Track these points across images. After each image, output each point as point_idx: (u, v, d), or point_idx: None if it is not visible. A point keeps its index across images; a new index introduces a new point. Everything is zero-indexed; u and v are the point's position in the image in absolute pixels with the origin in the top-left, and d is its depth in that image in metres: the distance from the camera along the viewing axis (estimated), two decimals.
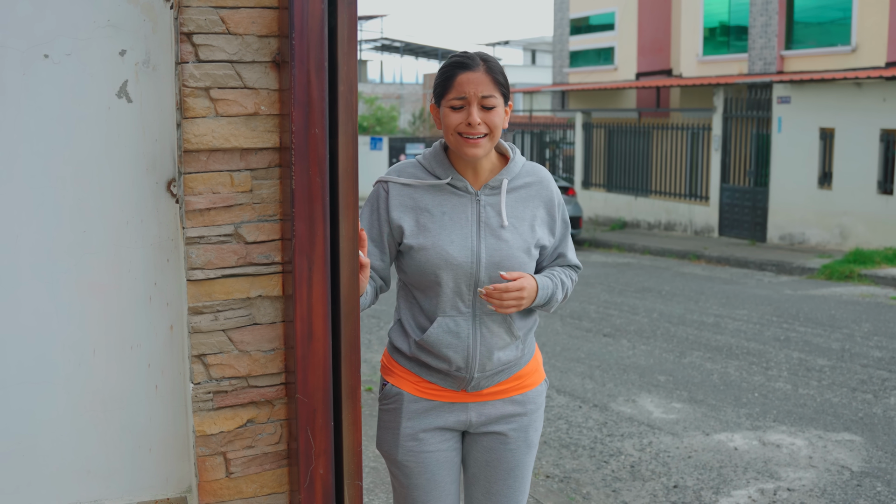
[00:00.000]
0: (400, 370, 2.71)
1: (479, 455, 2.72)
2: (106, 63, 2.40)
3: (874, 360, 8.41)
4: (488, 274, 2.56)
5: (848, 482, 5.37)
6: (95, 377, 2.50)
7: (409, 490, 2.71)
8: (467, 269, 2.55)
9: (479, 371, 2.61)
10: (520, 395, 2.71)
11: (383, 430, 2.74)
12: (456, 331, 2.59)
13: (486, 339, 2.61)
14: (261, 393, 2.42)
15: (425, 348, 2.62)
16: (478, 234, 2.56)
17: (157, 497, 2.62)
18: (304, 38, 2.22)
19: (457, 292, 2.58)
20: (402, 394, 2.67)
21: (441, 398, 2.67)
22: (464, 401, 2.66)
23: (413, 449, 2.67)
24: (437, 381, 2.65)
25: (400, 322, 2.71)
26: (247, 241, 2.35)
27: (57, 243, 2.42)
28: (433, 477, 2.69)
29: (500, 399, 2.69)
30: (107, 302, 2.48)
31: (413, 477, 2.68)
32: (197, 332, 2.33)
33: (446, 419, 2.67)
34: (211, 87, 2.27)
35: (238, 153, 2.32)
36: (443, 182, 2.59)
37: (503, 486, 2.73)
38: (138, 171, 2.46)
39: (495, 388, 2.67)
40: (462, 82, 2.49)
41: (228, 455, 2.41)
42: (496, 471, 2.71)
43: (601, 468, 5.68)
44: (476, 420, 2.68)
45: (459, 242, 2.55)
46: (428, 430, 2.67)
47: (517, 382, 2.71)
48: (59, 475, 2.53)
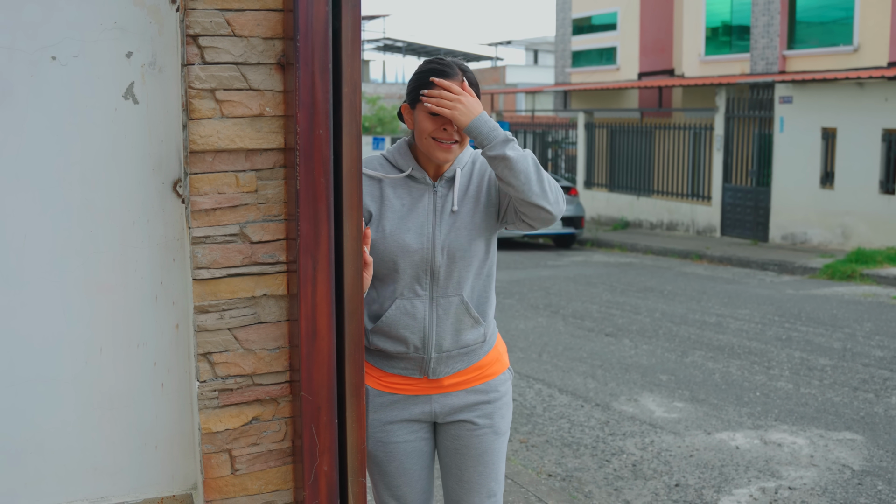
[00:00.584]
0: (366, 364, 2.76)
1: (448, 443, 2.81)
2: (112, 65, 2.43)
3: (876, 359, 8.43)
4: (444, 259, 2.67)
5: (849, 481, 5.39)
6: (102, 375, 2.53)
7: (381, 477, 2.82)
8: (424, 255, 2.67)
9: (437, 351, 2.70)
10: (482, 385, 2.79)
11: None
12: (412, 312, 2.68)
13: (442, 320, 2.70)
14: (266, 391, 2.45)
15: (383, 333, 2.70)
16: (434, 221, 2.68)
17: (163, 494, 2.64)
18: (308, 40, 2.24)
19: (415, 277, 2.68)
20: (366, 388, 2.73)
21: (404, 391, 2.76)
22: (426, 393, 2.76)
23: (381, 440, 2.77)
24: (398, 371, 2.74)
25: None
26: (252, 241, 2.38)
27: (64, 243, 2.45)
28: (402, 465, 2.79)
29: (463, 390, 2.78)
30: (113, 301, 2.51)
31: (382, 465, 2.79)
32: (203, 331, 2.36)
33: (411, 411, 2.77)
34: (216, 89, 2.30)
35: (243, 154, 2.35)
36: (403, 175, 2.71)
37: (474, 473, 2.80)
38: (144, 171, 2.49)
39: (455, 377, 2.76)
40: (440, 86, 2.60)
41: (234, 452, 2.44)
42: (465, 458, 2.79)
43: (603, 467, 5.70)
44: (440, 411, 2.78)
45: (416, 230, 2.67)
46: (394, 423, 2.77)
47: (478, 373, 2.80)
48: (67, 472, 2.56)
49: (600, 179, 23.26)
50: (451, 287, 2.70)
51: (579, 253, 18.20)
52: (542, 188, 2.57)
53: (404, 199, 2.70)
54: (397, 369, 2.75)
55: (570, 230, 18.51)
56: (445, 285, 2.69)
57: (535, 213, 2.60)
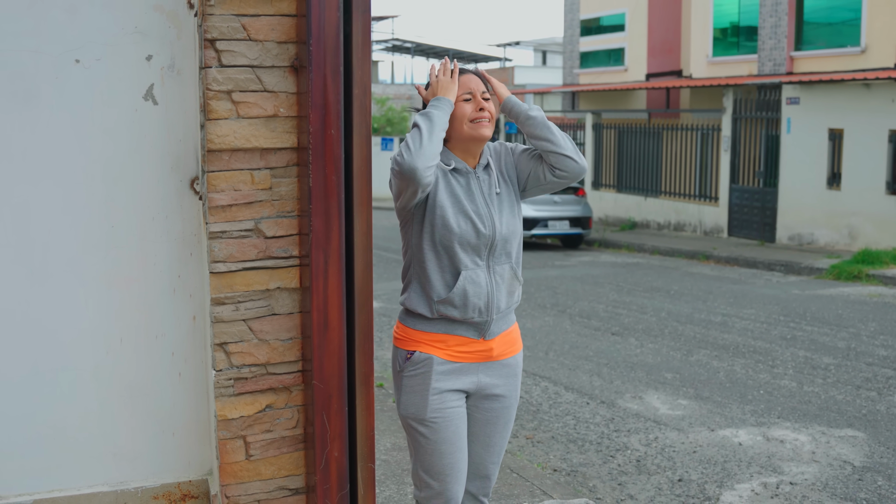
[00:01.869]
0: (425, 337, 2.96)
1: (481, 415, 3.09)
2: (133, 68, 2.54)
3: (879, 358, 8.49)
4: (501, 235, 3.02)
5: (850, 476, 5.47)
6: (122, 365, 2.64)
7: (437, 444, 2.97)
8: (486, 234, 2.98)
9: (497, 312, 3.01)
10: (511, 359, 3.14)
11: (411, 394, 2.97)
12: (477, 281, 2.95)
13: (499, 285, 3.02)
14: (279, 380, 2.55)
15: (452, 303, 2.93)
16: (486, 203, 3.01)
17: (180, 479, 2.75)
18: (320, 44, 2.35)
19: (476, 251, 2.96)
20: (431, 358, 2.94)
21: (464, 359, 3.00)
22: (477, 360, 3.03)
23: (440, 408, 2.96)
24: (462, 334, 2.98)
25: (420, 287, 2.96)
26: (266, 236, 2.49)
27: (87, 238, 2.56)
28: (457, 430, 2.99)
29: (502, 360, 3.09)
30: (133, 293, 2.62)
31: (441, 432, 2.96)
32: (219, 322, 2.47)
33: (464, 381, 3.01)
34: (233, 91, 2.41)
35: (258, 153, 2.46)
36: (450, 168, 2.98)
37: (499, 438, 3.14)
38: (163, 169, 2.60)
39: (500, 346, 3.07)
40: (465, 81, 2.95)
41: (248, 438, 2.55)
42: (495, 426, 3.11)
43: (607, 462, 5.79)
44: (484, 382, 3.06)
45: (476, 213, 2.97)
46: (449, 391, 2.99)
47: (510, 345, 3.13)
48: (88, 457, 2.67)
49: (608, 180, 23.33)
50: (504, 256, 3.05)
51: (587, 253, 18.28)
52: (568, 143, 3.06)
53: (462, 186, 2.98)
54: (459, 331, 2.99)
55: (577, 231, 18.58)
56: (500, 255, 3.03)
57: (568, 164, 3.05)
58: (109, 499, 2.70)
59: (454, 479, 3.00)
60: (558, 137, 3.05)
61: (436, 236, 2.93)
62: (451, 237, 2.92)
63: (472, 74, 3.00)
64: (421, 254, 2.96)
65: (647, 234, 20.73)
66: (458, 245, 2.94)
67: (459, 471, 3.02)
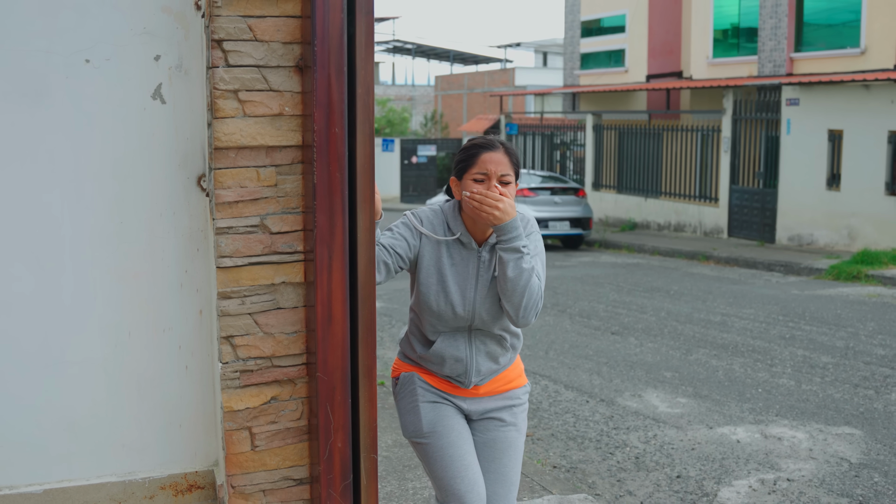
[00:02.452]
0: (410, 367, 3.14)
1: (479, 437, 3.10)
2: (142, 67, 2.60)
3: (877, 357, 8.56)
4: (480, 316, 3.00)
5: (846, 473, 5.53)
6: (131, 358, 2.71)
7: (443, 450, 2.99)
8: (464, 313, 2.99)
9: (476, 376, 3.05)
10: (508, 392, 3.15)
11: (405, 414, 3.09)
12: (455, 345, 3.02)
13: (479, 351, 3.06)
14: (284, 372, 2.62)
15: (430, 360, 3.06)
16: (475, 285, 2.99)
17: (187, 470, 2.81)
18: (325, 44, 2.41)
19: (455, 321, 3.01)
20: (414, 375, 3.09)
21: (445, 390, 3.09)
22: (464, 396, 3.10)
23: (434, 418, 3.03)
24: (444, 377, 3.10)
25: (408, 336, 3.16)
26: (272, 232, 2.55)
27: (96, 233, 2.62)
28: (459, 435, 3.02)
29: (491, 396, 3.12)
30: (141, 288, 2.68)
31: (442, 437, 3.00)
32: (225, 316, 2.53)
33: (451, 401, 3.09)
34: (239, 90, 2.47)
35: (264, 150, 2.52)
36: (454, 237, 3.00)
37: (499, 465, 3.07)
38: (171, 167, 2.66)
39: (487, 386, 3.11)
40: (485, 160, 2.92)
41: (254, 430, 2.61)
42: (493, 450, 3.08)
43: (607, 459, 5.85)
44: (474, 410, 3.11)
45: (460, 292, 2.98)
46: (444, 403, 3.06)
47: (504, 384, 3.15)
48: (97, 448, 2.73)
49: (608, 181, 23.40)
50: (487, 330, 3.05)
51: (587, 254, 18.35)
52: (518, 303, 2.88)
53: (455, 259, 3.00)
54: (442, 377, 3.09)
55: (578, 231, 18.66)
56: (482, 326, 3.03)
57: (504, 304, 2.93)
58: (118, 489, 2.76)
59: (472, 486, 2.96)
60: (508, 288, 2.86)
61: (419, 304, 3.01)
62: (429, 312, 2.99)
63: (501, 154, 2.93)
64: (413, 306, 3.11)
65: (647, 234, 20.79)
66: (435, 319, 3.00)
67: (475, 476, 2.99)
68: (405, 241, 2.94)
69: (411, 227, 2.98)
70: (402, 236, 2.94)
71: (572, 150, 25.80)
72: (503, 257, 2.86)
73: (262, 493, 2.66)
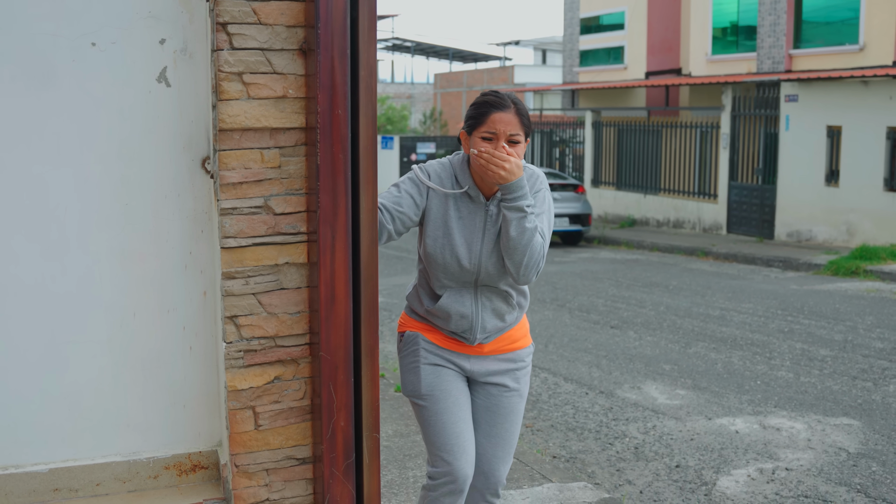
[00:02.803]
0: (416, 324, 3.14)
1: (482, 401, 3.14)
2: (147, 51, 2.63)
3: (875, 350, 8.59)
4: (487, 269, 3.01)
5: (844, 462, 5.56)
6: (135, 338, 2.74)
7: (439, 415, 3.05)
8: (470, 265, 3.00)
9: (482, 332, 3.06)
10: (512, 353, 3.15)
11: (406, 372, 3.12)
12: (461, 300, 3.03)
13: (485, 307, 3.05)
14: (287, 352, 2.65)
15: (437, 315, 3.06)
16: (482, 238, 3.00)
17: (190, 450, 2.85)
18: (328, 27, 2.44)
19: (461, 275, 3.01)
20: (418, 335, 3.10)
21: (450, 347, 3.10)
22: (468, 353, 3.10)
23: (435, 381, 3.06)
24: (449, 334, 3.10)
25: (416, 290, 3.16)
26: (275, 213, 2.58)
27: (101, 215, 2.65)
28: (456, 400, 3.07)
29: (495, 356, 3.13)
30: (146, 269, 2.71)
31: (439, 401, 3.05)
32: (230, 296, 2.56)
33: (454, 362, 3.10)
34: (244, 73, 2.50)
35: (268, 132, 2.55)
36: (462, 191, 3.00)
37: (501, 429, 3.14)
38: (176, 149, 2.69)
39: (492, 345, 3.11)
40: (494, 120, 2.89)
41: (257, 409, 2.64)
42: (496, 415, 3.13)
43: (606, 449, 5.88)
44: (478, 371, 3.12)
45: (466, 244, 2.99)
46: (444, 366, 3.09)
47: (509, 343, 3.15)
48: (101, 428, 2.76)
49: (608, 178, 23.43)
50: (492, 285, 3.05)
51: (586, 250, 18.38)
52: (519, 261, 2.92)
53: (462, 212, 3.01)
54: (448, 333, 3.09)
55: (577, 227, 18.70)
56: (487, 284, 3.04)
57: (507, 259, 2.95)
58: (122, 468, 2.79)
59: (462, 451, 3.04)
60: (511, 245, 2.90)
61: (426, 257, 3.02)
62: (435, 265, 3.00)
63: (511, 114, 2.92)
64: (420, 261, 3.13)
65: (646, 231, 20.83)
66: (440, 271, 3.01)
67: (466, 442, 3.06)
68: (412, 199, 2.93)
69: (418, 182, 2.98)
70: (408, 194, 2.93)
71: (571, 147, 25.83)
72: (506, 216, 2.89)
73: (266, 472, 2.69)
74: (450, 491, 3.05)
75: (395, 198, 2.91)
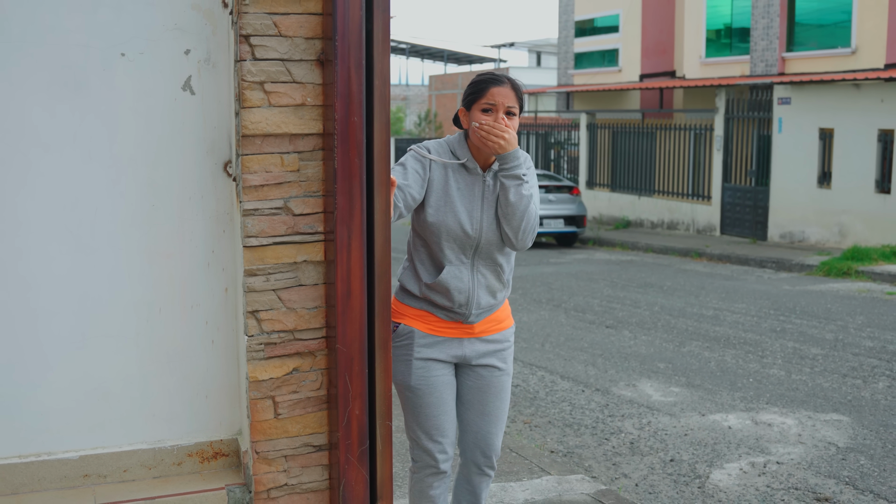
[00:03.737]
0: (410, 311, 3.30)
1: (473, 383, 3.37)
2: (173, 61, 2.79)
3: (866, 349, 8.77)
4: (487, 238, 3.22)
5: (833, 456, 5.73)
6: (161, 333, 2.90)
7: (422, 409, 3.28)
8: (472, 234, 3.21)
9: (476, 308, 3.26)
10: (499, 334, 3.38)
11: (397, 362, 3.29)
12: (459, 276, 3.22)
13: (481, 284, 3.26)
14: (305, 345, 2.81)
15: (436, 290, 3.23)
16: (481, 206, 3.21)
17: (212, 438, 3.00)
18: (345, 40, 2.60)
19: (461, 248, 3.22)
20: (413, 331, 3.27)
21: (445, 334, 3.28)
22: (461, 337, 3.29)
23: (424, 375, 3.26)
24: (442, 317, 3.27)
25: (412, 268, 3.32)
26: (294, 214, 2.74)
27: (130, 215, 2.81)
28: (440, 396, 3.29)
29: (485, 336, 3.34)
30: (171, 267, 2.87)
31: (424, 397, 3.27)
32: (251, 292, 2.72)
33: (447, 353, 3.29)
34: (265, 82, 2.67)
35: (288, 138, 2.71)
36: (460, 163, 3.22)
37: (493, 407, 3.39)
38: (199, 154, 2.85)
39: (482, 325, 3.32)
40: (493, 93, 3.14)
41: (277, 399, 2.80)
42: (487, 395, 3.37)
43: (602, 444, 6.04)
44: (469, 354, 3.32)
45: (467, 213, 3.20)
46: (434, 360, 3.28)
47: (496, 324, 3.38)
48: (129, 417, 2.92)
49: (602, 179, 23.61)
50: (490, 259, 3.26)
51: (581, 251, 18.55)
52: (517, 226, 3.17)
53: (460, 184, 3.20)
54: (442, 314, 3.27)
55: (572, 229, 18.87)
56: (485, 256, 3.25)
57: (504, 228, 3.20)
58: (148, 455, 2.94)
59: (440, 439, 3.30)
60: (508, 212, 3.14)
61: (427, 229, 3.20)
62: (438, 232, 3.18)
63: (508, 88, 3.15)
64: (416, 239, 3.30)
65: (640, 232, 21.01)
66: (444, 240, 3.19)
67: (447, 430, 3.32)
68: (417, 174, 3.13)
69: (419, 157, 3.17)
70: (414, 170, 3.12)
71: (566, 148, 25.99)
72: (505, 183, 3.13)
73: (284, 459, 2.85)
74: (432, 472, 3.34)
75: (403, 175, 3.10)
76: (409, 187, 3.09)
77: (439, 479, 3.36)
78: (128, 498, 2.84)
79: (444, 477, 3.37)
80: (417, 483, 3.38)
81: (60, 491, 2.87)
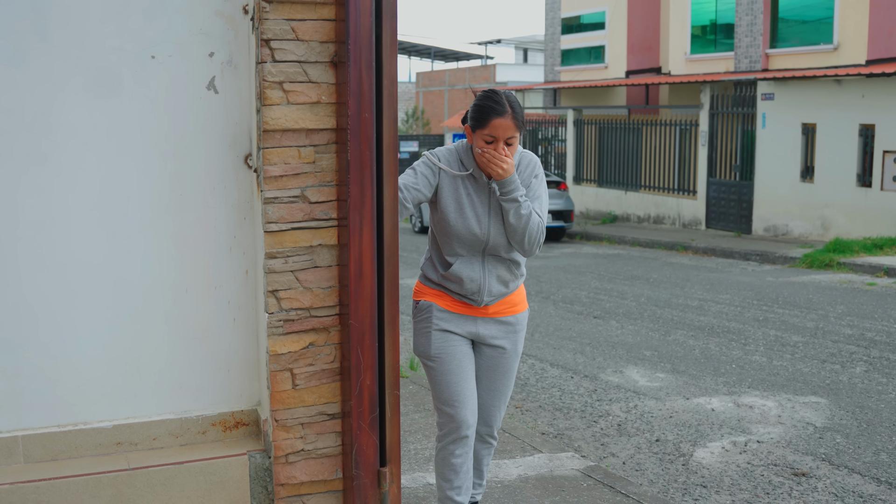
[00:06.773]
0: (429, 291, 3.61)
1: (484, 361, 3.67)
2: (198, 63, 3.06)
3: (845, 336, 9.07)
4: (495, 240, 3.51)
5: (811, 435, 6.02)
6: (187, 311, 3.16)
7: (444, 375, 3.53)
8: (481, 237, 3.51)
9: (488, 296, 3.54)
10: (512, 317, 3.66)
11: (418, 335, 3.59)
12: (471, 266, 3.52)
13: (492, 274, 3.55)
14: (320, 321, 3.08)
15: (450, 279, 3.53)
16: (489, 212, 3.50)
17: (234, 409, 3.27)
18: (357, 43, 2.87)
19: (472, 245, 3.52)
20: (432, 305, 3.58)
21: (460, 311, 3.57)
22: (476, 315, 3.58)
23: (444, 346, 3.54)
24: (459, 298, 3.57)
25: (431, 260, 3.64)
26: (310, 202, 3.01)
27: (159, 204, 3.08)
28: (460, 364, 3.56)
29: (499, 317, 3.63)
30: (196, 251, 3.14)
31: (446, 363, 3.54)
32: (272, 273, 2.99)
33: (462, 327, 3.58)
34: (284, 82, 2.93)
35: (304, 132, 2.98)
36: (468, 173, 3.50)
37: (499, 385, 3.70)
38: (222, 147, 3.12)
39: (496, 307, 3.60)
40: (495, 126, 3.34)
41: (294, 371, 3.07)
42: (496, 373, 3.68)
43: (591, 427, 6.32)
44: (484, 333, 3.61)
45: (476, 220, 3.49)
46: (453, 332, 3.57)
47: (510, 307, 3.66)
48: (158, 389, 3.18)
49: (589, 175, 23.90)
50: (500, 254, 3.54)
51: (569, 245, 18.84)
52: (521, 240, 3.46)
53: (469, 190, 3.48)
54: (458, 296, 3.56)
55: (559, 223, 19.15)
56: (495, 253, 3.53)
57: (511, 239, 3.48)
58: (175, 425, 3.21)
59: (463, 405, 3.54)
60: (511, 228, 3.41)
61: (441, 229, 3.50)
62: (450, 233, 3.48)
63: (509, 119, 3.35)
64: (433, 234, 3.61)
65: (627, 226, 21.30)
66: (455, 240, 3.49)
67: (467, 398, 3.56)
68: (426, 179, 3.40)
69: (430, 164, 3.44)
70: (423, 175, 3.40)
71: (554, 144, 26.25)
72: (505, 206, 3.40)
73: (301, 426, 3.12)
74: (455, 439, 3.56)
75: (413, 178, 3.38)
76: (418, 189, 3.37)
77: (461, 447, 3.58)
78: (157, 462, 3.10)
79: (465, 443, 3.59)
80: (441, 451, 3.62)
81: (96, 457, 3.13)
